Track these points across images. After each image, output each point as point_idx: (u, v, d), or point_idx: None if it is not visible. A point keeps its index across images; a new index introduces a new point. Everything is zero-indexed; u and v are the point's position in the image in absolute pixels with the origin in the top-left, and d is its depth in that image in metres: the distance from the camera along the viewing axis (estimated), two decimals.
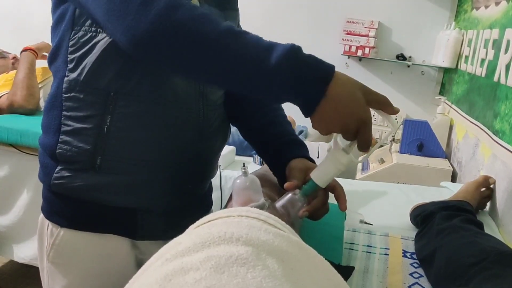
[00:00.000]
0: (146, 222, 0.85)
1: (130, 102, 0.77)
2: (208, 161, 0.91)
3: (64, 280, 0.84)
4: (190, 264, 0.46)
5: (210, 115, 0.87)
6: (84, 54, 0.76)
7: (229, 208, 0.67)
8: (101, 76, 0.76)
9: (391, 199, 1.48)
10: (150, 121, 0.79)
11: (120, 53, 0.71)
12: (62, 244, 0.83)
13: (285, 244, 0.54)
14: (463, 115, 1.98)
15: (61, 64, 0.79)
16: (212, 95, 0.87)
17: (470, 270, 0.78)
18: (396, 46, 2.65)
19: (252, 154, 2.23)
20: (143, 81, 0.77)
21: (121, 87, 0.76)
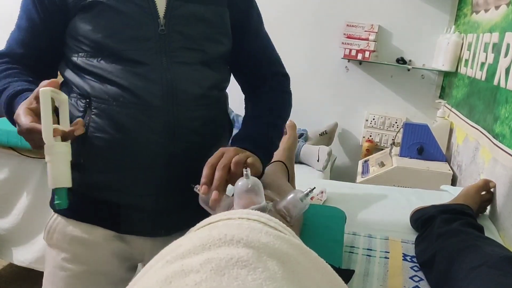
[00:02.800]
0: (131, 218, 0.88)
1: (99, 105, 0.82)
2: (189, 163, 0.86)
3: (55, 260, 0.91)
4: (191, 266, 0.46)
5: (184, 115, 0.85)
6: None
7: (230, 211, 0.67)
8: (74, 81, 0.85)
9: (391, 203, 1.48)
10: (118, 123, 0.82)
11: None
12: (53, 227, 0.91)
13: (285, 247, 0.54)
14: (463, 118, 1.98)
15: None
16: (183, 94, 0.85)
17: (470, 273, 0.78)
18: (396, 50, 2.66)
19: None
20: (104, 84, 0.82)
21: (91, 91, 0.82)
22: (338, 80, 2.77)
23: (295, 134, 1.39)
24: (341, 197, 1.48)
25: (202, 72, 0.89)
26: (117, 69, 0.81)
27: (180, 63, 0.85)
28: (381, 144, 2.74)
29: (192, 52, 0.87)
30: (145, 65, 0.82)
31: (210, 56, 0.90)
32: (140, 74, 0.82)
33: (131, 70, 0.82)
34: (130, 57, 0.82)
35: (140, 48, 0.82)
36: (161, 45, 0.83)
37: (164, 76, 0.83)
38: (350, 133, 2.85)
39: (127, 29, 0.82)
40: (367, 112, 2.75)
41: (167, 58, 0.84)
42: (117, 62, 0.82)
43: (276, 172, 1.10)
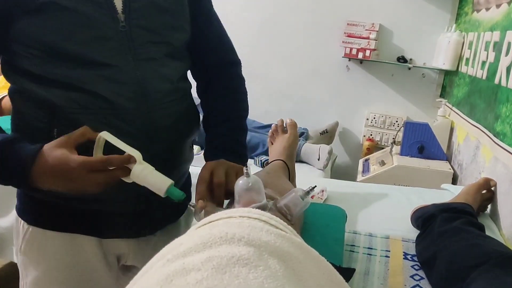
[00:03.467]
0: (113, 223, 0.86)
1: (67, 115, 0.77)
2: (166, 162, 0.86)
3: (35, 272, 0.87)
4: (192, 265, 0.45)
5: (158, 114, 0.83)
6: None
7: (230, 209, 0.66)
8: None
9: (391, 202, 1.47)
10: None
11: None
12: (31, 239, 0.86)
13: (286, 245, 0.54)
14: (464, 117, 1.98)
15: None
16: (155, 93, 0.82)
17: (471, 272, 0.78)
18: (397, 49, 2.65)
19: (253, 156, 2.23)
20: (69, 92, 0.76)
21: (55, 100, 0.76)
22: (339, 79, 2.77)
23: (296, 133, 1.38)
24: (341, 196, 1.48)
25: (170, 65, 0.86)
26: (81, 74, 0.75)
27: (146, 59, 0.81)
28: (381, 143, 2.74)
29: (157, 45, 0.82)
30: (111, 66, 0.77)
31: (175, 46, 0.86)
32: (107, 77, 0.77)
33: (97, 73, 0.76)
34: (94, 59, 0.76)
35: (102, 49, 0.76)
36: (124, 43, 0.78)
37: (133, 76, 0.79)
38: (351, 132, 2.85)
39: (86, 29, 0.74)
40: (367, 111, 2.75)
41: (133, 56, 0.79)
42: (80, 67, 0.75)
43: (277, 171, 1.09)
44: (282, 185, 0.95)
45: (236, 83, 1.02)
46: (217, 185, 0.80)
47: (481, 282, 0.73)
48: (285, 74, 2.84)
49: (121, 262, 0.95)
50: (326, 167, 2.21)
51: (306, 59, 2.79)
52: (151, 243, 0.95)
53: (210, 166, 0.83)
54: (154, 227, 0.94)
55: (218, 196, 0.80)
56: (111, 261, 0.91)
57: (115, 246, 0.90)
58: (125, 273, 0.99)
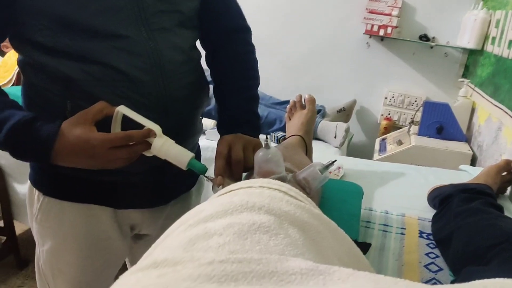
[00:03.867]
0: (128, 194, 0.87)
1: (81, 87, 0.75)
2: (180, 134, 0.86)
3: (52, 241, 0.89)
4: (214, 230, 0.46)
5: (172, 86, 0.82)
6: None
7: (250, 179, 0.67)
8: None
9: (408, 181, 1.46)
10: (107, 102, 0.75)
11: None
12: (47, 209, 0.87)
13: (306, 216, 0.55)
14: (487, 98, 1.94)
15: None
16: (169, 64, 0.81)
17: (489, 251, 0.77)
18: (419, 26, 2.58)
19: (269, 132, 2.23)
20: (84, 63, 0.74)
21: (69, 72, 0.75)
22: (359, 56, 2.72)
23: (314, 109, 1.37)
24: (358, 174, 1.48)
25: (182, 34, 0.85)
26: (94, 45, 0.74)
27: (159, 29, 0.80)
28: (399, 123, 2.71)
29: (169, 15, 0.81)
30: (125, 37, 0.75)
31: (186, 14, 0.85)
32: (121, 49, 0.75)
33: (110, 45, 0.74)
34: (107, 31, 0.74)
35: (114, 19, 0.74)
36: (135, 13, 0.76)
37: (147, 47, 0.77)
38: (369, 110, 2.82)
39: (97, 0, 0.73)
40: (386, 89, 2.71)
41: (145, 26, 0.78)
42: (93, 38, 0.73)
43: (294, 145, 1.09)
44: (300, 160, 0.95)
45: (245, 49, 0.99)
46: (235, 162, 0.80)
47: (500, 261, 0.73)
48: (303, 50, 2.81)
49: (135, 231, 0.97)
50: (343, 145, 2.19)
51: (326, 35, 2.75)
52: (164, 213, 0.96)
53: (228, 140, 0.83)
54: (167, 197, 0.95)
55: (236, 173, 0.80)
56: (125, 230, 0.93)
57: (129, 216, 0.92)
58: (136, 241, 1.01)
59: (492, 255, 0.76)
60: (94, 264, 0.91)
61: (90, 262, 0.91)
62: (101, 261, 0.92)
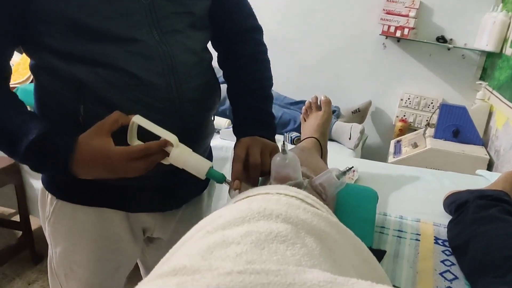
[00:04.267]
0: (140, 197, 0.87)
1: (94, 92, 0.75)
2: (193, 136, 0.87)
3: (64, 243, 0.90)
4: (231, 238, 0.46)
5: (184, 89, 0.81)
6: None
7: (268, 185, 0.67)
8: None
9: (423, 185, 1.45)
10: (118, 109, 0.75)
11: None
12: (60, 213, 0.87)
13: (323, 224, 0.55)
14: (505, 102, 1.91)
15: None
16: (182, 66, 0.81)
17: (507, 262, 0.76)
18: (437, 28, 2.55)
19: (283, 132, 2.23)
20: (96, 68, 0.74)
21: (82, 76, 0.75)
22: (374, 57, 2.70)
23: (330, 110, 1.36)
24: (372, 177, 1.47)
25: (194, 36, 0.84)
26: (107, 50, 0.74)
27: (171, 32, 0.79)
28: (415, 125, 2.68)
29: (180, 16, 0.81)
30: (137, 41, 0.75)
31: (198, 15, 0.85)
32: (134, 52, 0.75)
33: (123, 49, 0.74)
34: (119, 34, 0.74)
35: (127, 23, 0.74)
36: (148, 16, 0.76)
37: (160, 51, 0.77)
38: (384, 112, 2.79)
39: (109, 4, 0.73)
40: (402, 91, 2.68)
41: (157, 29, 0.78)
42: (106, 42, 0.73)
43: (310, 148, 1.09)
44: (316, 164, 0.95)
45: (258, 50, 0.99)
46: (252, 166, 0.80)
47: None
48: (319, 50, 2.79)
49: (147, 234, 0.97)
50: (357, 146, 2.18)
51: (342, 35, 2.73)
52: (176, 216, 0.97)
53: (245, 144, 0.83)
54: (180, 201, 0.95)
55: (253, 177, 0.80)
56: (137, 234, 0.94)
57: (141, 220, 0.92)
58: (148, 244, 1.02)
59: (509, 266, 0.75)
60: (106, 266, 0.92)
61: (102, 264, 0.91)
62: (113, 263, 0.93)
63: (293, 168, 0.70)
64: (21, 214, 2.11)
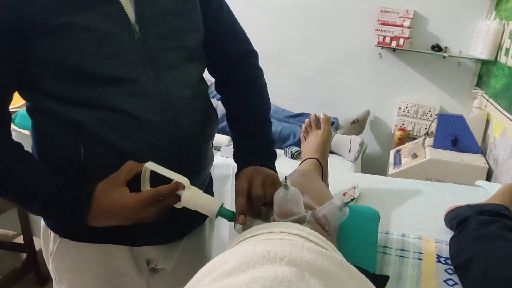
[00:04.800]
0: (144, 231, 0.87)
1: (93, 133, 0.75)
2: (194, 168, 0.88)
3: (70, 281, 0.90)
4: (237, 286, 0.48)
5: (183, 123, 0.82)
6: None
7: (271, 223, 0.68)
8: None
9: (424, 199, 1.46)
10: (118, 148, 0.77)
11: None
12: (65, 250, 0.88)
13: (327, 264, 0.56)
14: (502, 111, 1.93)
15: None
16: (180, 102, 0.81)
17: (508, 284, 0.78)
18: (432, 36, 2.57)
19: (283, 147, 2.24)
20: (94, 110, 0.75)
21: (81, 119, 0.75)
22: (371, 68, 2.72)
23: (329, 129, 1.38)
24: (373, 192, 1.48)
25: (189, 70, 0.85)
26: (104, 91, 0.74)
27: (166, 68, 0.80)
28: (413, 133, 2.70)
29: (174, 52, 0.82)
30: (133, 81, 0.76)
31: (192, 48, 0.85)
32: (130, 92, 0.76)
33: (120, 90, 0.75)
34: (115, 76, 0.74)
35: (122, 64, 0.75)
36: (142, 54, 0.77)
37: (156, 89, 0.78)
38: (382, 121, 2.81)
39: (103, 46, 0.73)
40: (400, 100, 2.70)
41: (152, 67, 0.78)
42: (102, 84, 0.74)
43: (311, 171, 1.11)
44: (318, 189, 0.96)
45: (255, 74, 1.00)
46: (255, 199, 0.81)
47: None
48: (315, 61, 2.81)
49: (151, 265, 0.98)
50: (357, 159, 2.20)
51: (338, 47, 2.75)
52: (180, 247, 0.98)
53: (247, 176, 0.84)
54: (182, 232, 0.96)
55: (256, 209, 0.82)
56: (142, 266, 0.94)
57: (145, 252, 0.92)
58: (153, 274, 1.02)
59: None
60: None
61: None
62: None
63: (295, 203, 0.72)
64: (24, 236, 2.11)
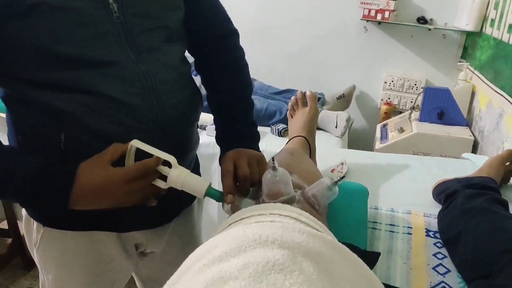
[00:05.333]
0: (130, 217, 0.85)
1: (74, 118, 0.72)
2: (180, 151, 0.84)
3: (56, 270, 0.88)
4: (229, 273, 0.46)
5: (167, 106, 0.79)
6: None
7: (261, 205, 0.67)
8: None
9: (412, 173, 1.47)
10: (101, 133, 0.74)
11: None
12: (49, 240, 0.85)
13: (319, 245, 0.55)
14: (487, 83, 1.93)
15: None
16: (162, 85, 0.79)
17: (498, 259, 0.78)
18: (417, 9, 2.55)
19: (269, 124, 2.22)
20: (74, 94, 0.72)
21: (60, 104, 0.72)
22: (357, 42, 2.69)
23: (316, 106, 1.36)
24: (361, 168, 1.48)
25: (171, 51, 0.82)
26: (83, 75, 0.71)
27: (147, 50, 0.77)
28: (399, 107, 2.69)
29: (155, 31, 0.78)
30: (113, 63, 0.73)
31: (173, 28, 0.82)
32: (111, 75, 0.73)
33: (100, 72, 0.72)
34: (94, 58, 0.71)
35: (101, 46, 0.71)
36: (121, 36, 0.73)
37: (137, 71, 0.75)
38: (368, 95, 2.80)
39: (80, 27, 0.69)
40: (386, 74, 2.69)
41: (133, 48, 0.75)
42: (81, 68, 0.71)
43: (299, 150, 1.09)
44: (307, 168, 0.95)
45: (236, 55, 0.98)
46: (242, 179, 0.80)
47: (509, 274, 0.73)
48: (301, 37, 2.77)
49: (140, 250, 0.96)
50: (344, 134, 2.19)
51: (323, 21, 2.71)
52: (168, 229, 0.96)
53: (232, 157, 0.83)
54: (170, 215, 0.95)
55: (244, 189, 0.81)
56: (130, 250, 0.92)
57: (133, 237, 0.91)
58: (142, 257, 1.01)
59: (501, 265, 0.76)
60: (100, 286, 0.91)
61: (97, 285, 0.91)
62: (107, 282, 0.92)
63: (284, 184, 0.70)
64: (9, 221, 2.08)
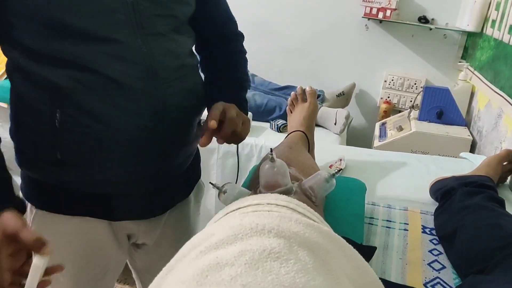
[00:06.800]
0: (122, 205, 0.85)
1: (70, 95, 0.72)
2: (175, 142, 0.86)
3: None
4: (225, 259, 0.47)
5: (166, 93, 0.79)
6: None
7: (258, 195, 0.67)
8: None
9: (410, 171, 1.47)
10: (96, 113, 0.73)
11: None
12: (41, 223, 0.85)
13: (315, 235, 0.55)
14: (487, 83, 1.93)
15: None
16: (163, 71, 0.78)
17: (493, 255, 0.78)
18: (418, 8, 2.55)
19: (269, 119, 2.22)
20: (73, 70, 0.71)
21: (57, 79, 0.72)
22: (357, 39, 2.69)
23: (315, 102, 1.36)
24: (359, 165, 1.48)
25: (177, 40, 0.82)
26: (85, 50, 0.70)
27: (154, 34, 0.76)
28: (399, 106, 2.70)
29: (163, 19, 0.78)
30: (117, 42, 0.72)
31: (180, 20, 0.83)
32: (114, 55, 0.72)
33: (102, 50, 0.71)
34: (99, 34, 0.70)
35: (108, 23, 0.71)
36: (130, 16, 0.73)
37: (140, 54, 0.74)
38: (368, 94, 2.80)
39: (90, 1, 0.69)
40: (386, 72, 2.69)
41: (140, 30, 0.74)
42: (83, 43, 0.70)
43: (297, 144, 1.09)
44: (305, 162, 0.95)
45: (238, 56, 1.00)
46: (229, 120, 0.78)
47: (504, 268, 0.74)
48: (302, 33, 2.77)
49: (132, 240, 0.96)
50: (343, 132, 2.19)
51: (324, 18, 2.71)
52: (161, 222, 0.95)
53: (222, 103, 0.81)
54: (165, 206, 0.94)
55: (227, 132, 0.78)
56: (122, 240, 0.92)
57: (125, 227, 0.90)
58: (136, 249, 1.00)
59: (496, 261, 0.76)
60: (91, 273, 0.91)
61: (87, 272, 0.90)
62: (98, 269, 0.92)
63: (281, 175, 0.70)
64: None
